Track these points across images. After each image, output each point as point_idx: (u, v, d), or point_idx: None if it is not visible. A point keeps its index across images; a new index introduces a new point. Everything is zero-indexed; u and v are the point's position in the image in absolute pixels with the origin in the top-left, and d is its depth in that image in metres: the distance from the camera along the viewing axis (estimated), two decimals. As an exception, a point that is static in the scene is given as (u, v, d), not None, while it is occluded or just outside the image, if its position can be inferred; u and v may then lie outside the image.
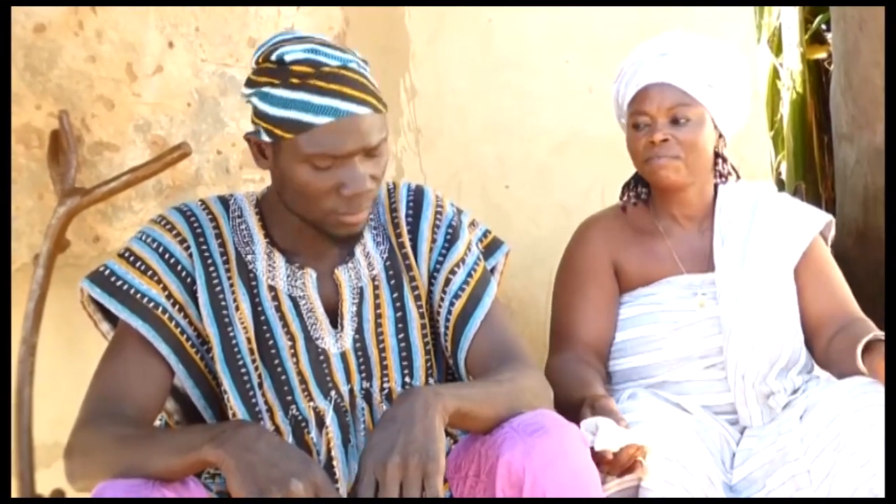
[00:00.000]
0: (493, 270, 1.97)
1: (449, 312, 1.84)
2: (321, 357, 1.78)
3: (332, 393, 1.78)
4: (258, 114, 1.70)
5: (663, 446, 1.86)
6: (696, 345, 2.18)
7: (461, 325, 1.83)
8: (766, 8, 6.49)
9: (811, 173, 6.36)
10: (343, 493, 1.72)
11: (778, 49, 6.47)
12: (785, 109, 6.44)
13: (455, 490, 1.71)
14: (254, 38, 2.70)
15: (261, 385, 1.74)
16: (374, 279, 1.83)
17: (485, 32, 2.93)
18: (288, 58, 1.66)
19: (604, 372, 2.21)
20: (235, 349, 1.74)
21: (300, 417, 1.75)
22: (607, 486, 1.89)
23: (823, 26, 6.32)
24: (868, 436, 1.86)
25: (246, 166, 2.73)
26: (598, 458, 1.78)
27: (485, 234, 1.99)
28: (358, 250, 1.83)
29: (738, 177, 2.33)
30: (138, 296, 1.72)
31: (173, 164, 2.51)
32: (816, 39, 6.44)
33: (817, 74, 6.44)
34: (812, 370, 2.25)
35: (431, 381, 1.84)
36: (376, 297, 1.83)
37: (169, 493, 1.49)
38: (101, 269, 1.75)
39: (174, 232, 1.76)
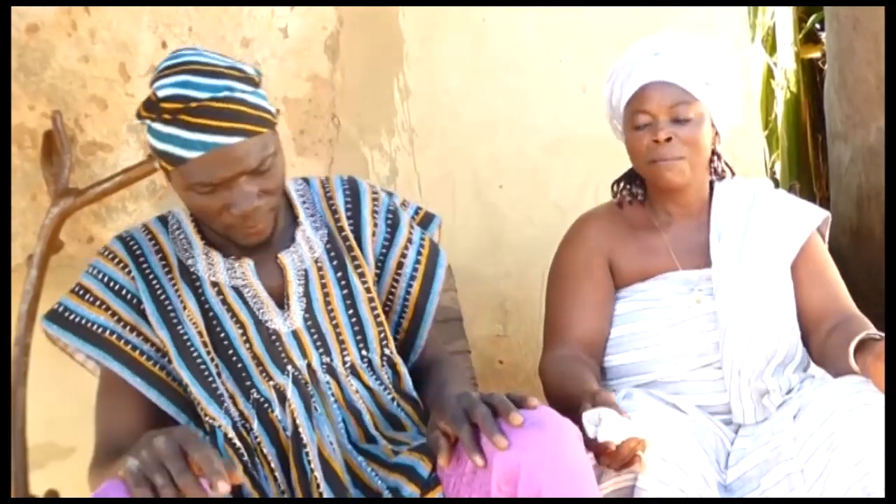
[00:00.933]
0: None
1: (407, 293, 2.00)
2: (273, 337, 1.86)
3: (289, 367, 1.85)
4: (148, 143, 1.78)
5: (659, 447, 1.86)
6: (692, 341, 2.18)
7: (423, 302, 2.01)
8: (760, 7, 6.49)
9: (805, 172, 6.36)
10: (314, 457, 1.77)
11: (772, 48, 6.47)
12: (779, 109, 6.45)
13: (452, 486, 1.73)
14: (248, 39, 2.71)
15: (219, 374, 1.82)
16: (316, 261, 1.93)
17: (478, 32, 2.93)
18: (160, 94, 1.73)
19: (598, 369, 2.21)
20: (189, 345, 1.82)
21: (262, 399, 1.83)
22: (603, 486, 1.89)
23: (817, 25, 6.33)
24: (862, 435, 1.85)
25: (239, 166, 2.73)
26: (599, 449, 1.79)
27: (416, 212, 2.12)
28: (298, 235, 1.93)
29: (734, 173, 2.33)
30: (90, 325, 1.84)
31: (167, 165, 2.50)
32: (810, 38, 6.45)
33: (811, 74, 6.44)
34: (808, 368, 2.25)
35: (387, 351, 1.92)
36: (321, 277, 1.92)
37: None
38: (57, 306, 1.87)
39: (115, 260, 1.88)
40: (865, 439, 1.85)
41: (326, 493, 1.75)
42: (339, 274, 1.93)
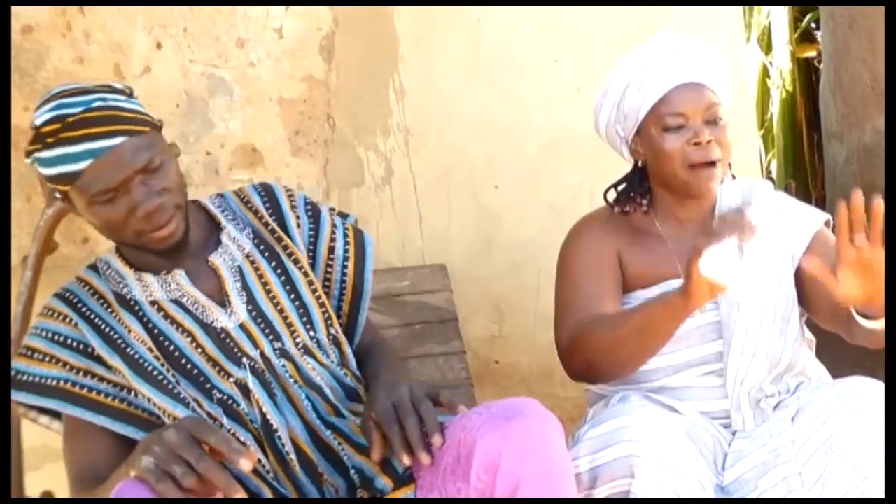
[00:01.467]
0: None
1: (343, 275, 2.06)
2: (222, 335, 1.89)
3: (244, 360, 1.87)
4: (41, 176, 1.82)
5: (653, 451, 1.86)
6: (695, 351, 2.14)
7: (359, 284, 2.07)
8: (756, 6, 6.50)
9: (801, 171, 6.37)
10: (286, 440, 1.82)
11: (768, 48, 6.48)
12: (775, 108, 6.45)
13: (430, 479, 1.75)
14: (242, 39, 2.71)
15: (178, 383, 1.84)
16: (248, 256, 1.96)
17: (474, 33, 2.93)
18: (38, 121, 1.77)
19: None
20: (143, 362, 1.84)
21: (225, 397, 1.85)
22: (598, 489, 1.88)
23: (813, 25, 6.34)
24: (860, 438, 1.84)
25: (235, 167, 2.74)
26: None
27: (331, 209, 2.16)
28: (224, 237, 1.96)
29: (734, 176, 2.29)
30: (45, 380, 1.85)
31: (162, 166, 2.50)
32: (806, 38, 6.45)
33: (807, 73, 6.45)
34: (804, 370, 2.23)
35: (332, 331, 1.96)
36: (256, 269, 1.95)
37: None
38: (13, 373, 1.88)
39: (56, 315, 1.90)
40: (864, 443, 1.84)
41: (301, 475, 1.80)
42: (274, 263, 1.97)
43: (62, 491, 2.32)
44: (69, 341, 1.88)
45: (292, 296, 1.95)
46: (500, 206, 2.95)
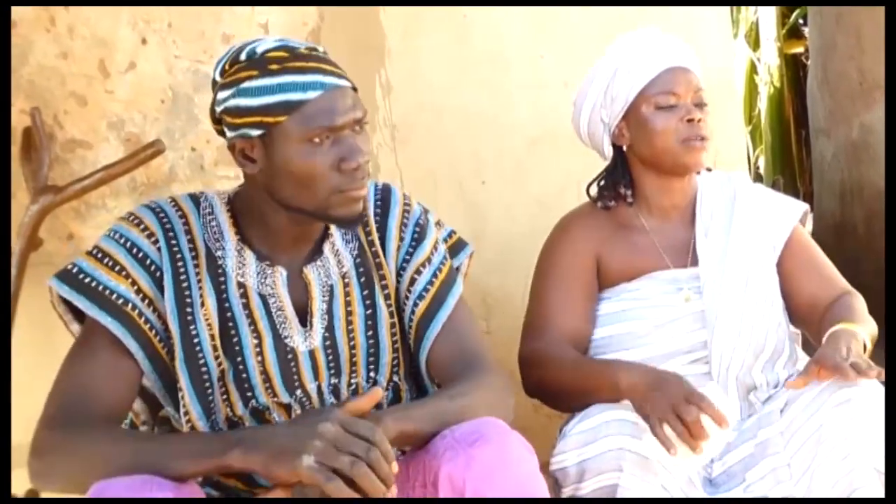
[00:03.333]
0: (457, 270, 1.98)
1: (413, 312, 1.86)
2: (289, 355, 1.78)
3: (298, 392, 1.79)
4: (240, 112, 1.69)
5: (640, 444, 1.86)
6: (681, 340, 2.17)
7: (424, 326, 1.85)
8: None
9: (789, 167, 6.39)
10: None
11: (755, 44, 6.49)
12: (763, 104, 6.47)
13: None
14: (228, 35, 2.69)
15: (221, 378, 1.74)
16: (344, 276, 1.84)
17: (460, 28, 2.92)
18: (260, 49, 1.70)
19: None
20: (196, 348, 1.73)
21: (261, 408, 1.77)
22: (585, 483, 1.89)
23: (801, 21, 6.35)
24: (848, 430, 1.86)
25: (221, 163, 2.72)
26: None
27: (449, 235, 2.00)
28: (327, 248, 1.84)
29: (710, 169, 2.34)
30: (107, 292, 1.70)
31: (147, 162, 2.49)
32: (794, 34, 6.47)
33: (795, 69, 6.47)
34: (797, 362, 2.25)
35: (396, 378, 1.86)
36: (347, 294, 1.83)
37: (169, 493, 1.48)
38: (70, 267, 1.74)
39: (142, 227, 1.75)
40: (851, 435, 1.85)
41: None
42: (366, 292, 1.85)
43: (44, 490, 2.32)
44: (147, 261, 1.73)
45: (369, 333, 1.84)
46: (488, 202, 2.95)
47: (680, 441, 1.81)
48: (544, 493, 1.62)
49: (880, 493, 1.85)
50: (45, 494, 2.36)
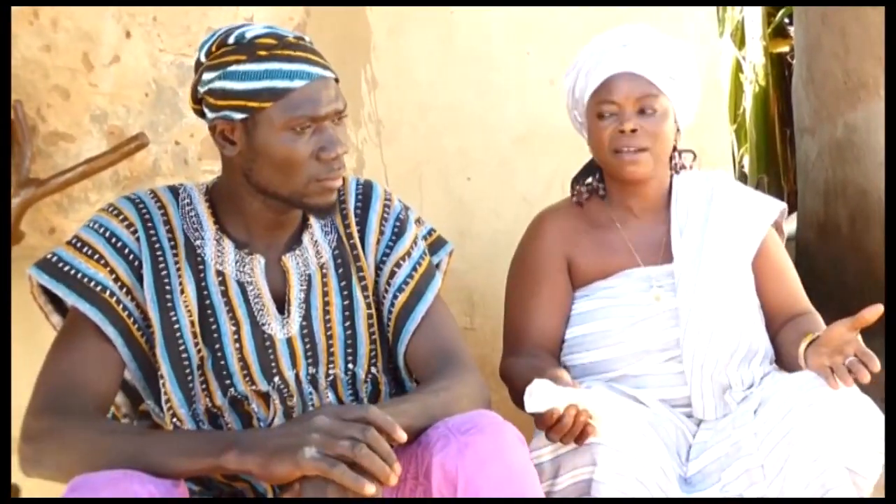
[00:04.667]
0: (437, 267, 2.01)
1: (392, 305, 1.89)
2: (267, 343, 1.80)
3: (276, 379, 1.81)
4: (225, 94, 1.72)
5: (615, 438, 1.86)
6: (654, 338, 2.18)
7: (403, 319, 1.88)
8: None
9: (774, 167, 6.41)
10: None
11: (741, 43, 6.51)
12: (748, 103, 6.49)
13: (396, 493, 1.71)
14: (213, 28, 2.67)
15: (200, 367, 1.76)
16: (322, 267, 1.87)
17: (446, 24, 2.92)
18: (249, 34, 1.73)
19: (557, 365, 2.21)
20: (177, 333, 1.75)
21: (239, 397, 1.78)
22: (561, 478, 1.89)
23: (786, 20, 6.37)
24: (819, 431, 1.87)
25: (205, 157, 2.71)
26: (543, 423, 1.80)
27: (429, 232, 2.04)
28: (306, 238, 1.87)
29: (690, 167, 2.34)
30: (86, 280, 1.73)
31: (131, 155, 2.49)
32: (779, 33, 6.49)
33: (780, 68, 6.49)
34: (773, 361, 2.26)
35: (374, 370, 1.88)
36: (324, 284, 1.86)
37: (153, 489, 1.48)
38: (50, 256, 1.76)
39: (121, 217, 1.78)
40: (822, 435, 1.86)
41: None
42: (343, 283, 1.88)
43: (27, 484, 2.30)
44: (126, 250, 1.75)
45: (347, 324, 1.87)
46: (473, 198, 2.94)
47: None
48: (536, 484, 1.65)
49: (853, 492, 1.87)
50: (24, 489, 2.35)
